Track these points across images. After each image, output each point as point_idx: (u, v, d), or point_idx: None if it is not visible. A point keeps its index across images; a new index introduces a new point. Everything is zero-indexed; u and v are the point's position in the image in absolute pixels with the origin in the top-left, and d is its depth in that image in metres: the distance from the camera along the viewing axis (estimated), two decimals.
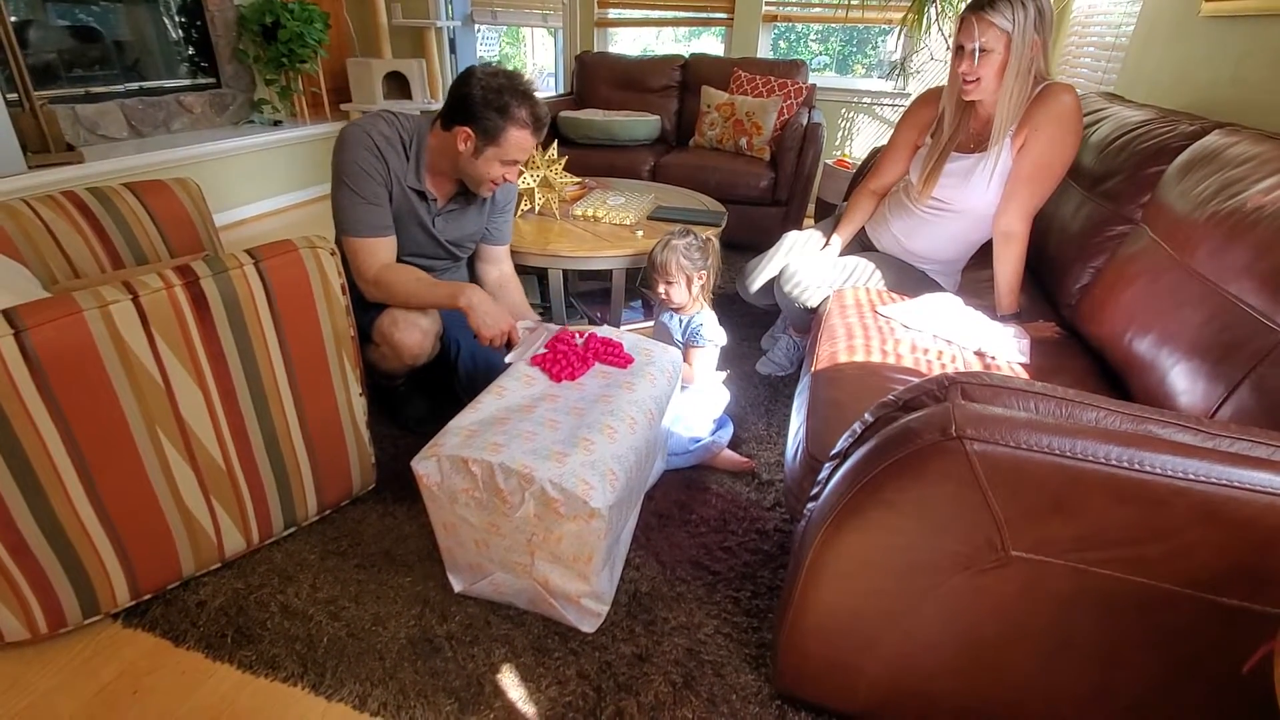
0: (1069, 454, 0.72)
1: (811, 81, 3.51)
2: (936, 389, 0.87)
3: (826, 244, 1.99)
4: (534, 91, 1.48)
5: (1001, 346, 1.49)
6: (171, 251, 1.72)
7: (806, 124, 3.13)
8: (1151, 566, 0.75)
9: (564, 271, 2.18)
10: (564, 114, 3.48)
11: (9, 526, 1.04)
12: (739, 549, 1.46)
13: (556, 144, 2.40)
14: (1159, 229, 1.42)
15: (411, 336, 1.57)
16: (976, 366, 1.44)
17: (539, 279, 2.62)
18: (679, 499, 1.60)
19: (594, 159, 3.30)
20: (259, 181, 3.71)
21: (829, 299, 1.76)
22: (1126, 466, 0.71)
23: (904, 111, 1.91)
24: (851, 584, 0.92)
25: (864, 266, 1.87)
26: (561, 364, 1.37)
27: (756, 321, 2.49)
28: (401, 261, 1.62)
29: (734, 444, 1.80)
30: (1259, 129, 1.39)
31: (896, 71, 3.66)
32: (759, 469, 1.72)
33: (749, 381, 2.12)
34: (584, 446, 1.14)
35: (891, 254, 1.93)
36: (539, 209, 2.33)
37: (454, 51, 4.77)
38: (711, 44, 4.90)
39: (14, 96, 2.74)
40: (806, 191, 3.16)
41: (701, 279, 1.73)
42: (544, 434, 1.18)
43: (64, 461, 1.05)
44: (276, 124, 3.90)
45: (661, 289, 1.73)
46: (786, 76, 3.43)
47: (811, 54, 5.12)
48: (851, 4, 3.47)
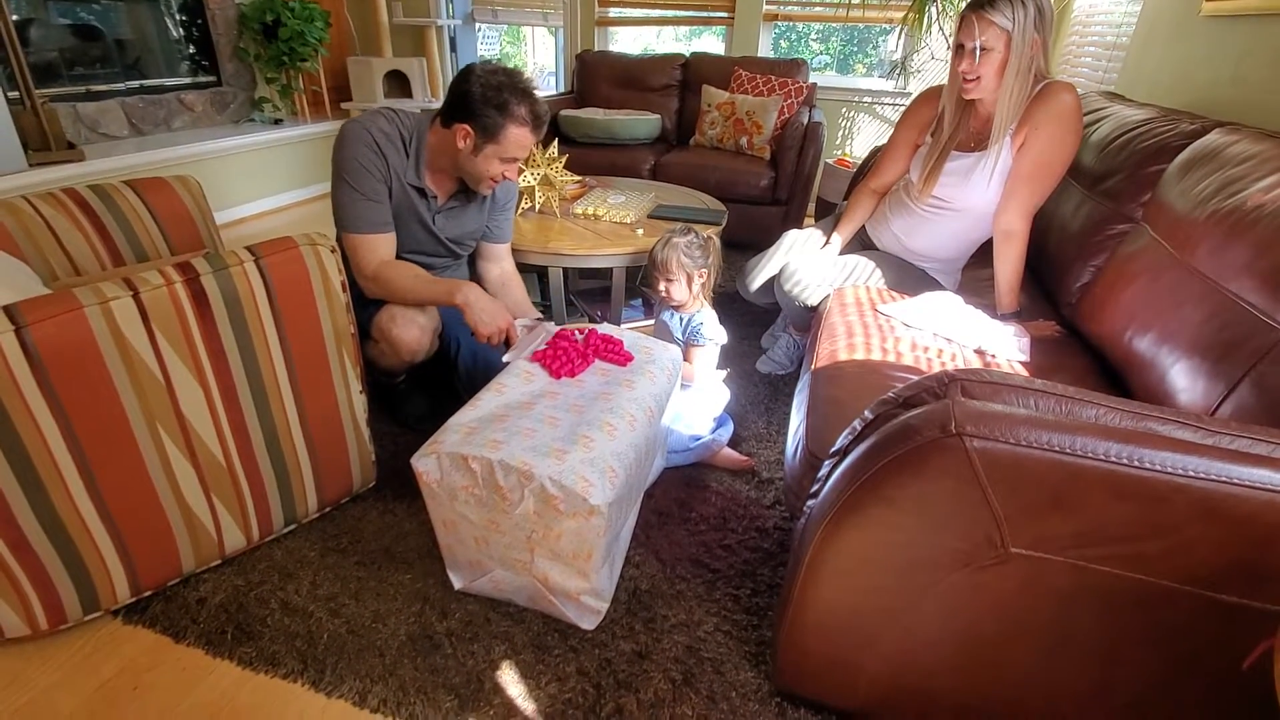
0: (1069, 450, 0.72)
1: (812, 81, 3.51)
2: (936, 386, 0.87)
3: (827, 242, 1.99)
4: (533, 89, 1.48)
5: (1002, 345, 1.49)
6: (172, 249, 1.72)
7: (807, 123, 3.13)
8: (1151, 563, 0.75)
9: (564, 270, 2.18)
10: (564, 113, 3.48)
11: (9, 522, 1.05)
12: (739, 547, 1.46)
13: (557, 142, 2.40)
14: (1159, 227, 1.42)
15: (410, 333, 1.57)
16: (977, 365, 1.44)
17: (539, 277, 2.62)
18: (679, 497, 1.60)
19: (594, 158, 3.31)
20: (259, 180, 3.71)
21: (829, 297, 1.76)
22: (1126, 463, 0.71)
23: (904, 110, 1.91)
24: (851, 581, 0.92)
25: (864, 265, 1.87)
26: (561, 361, 1.37)
27: (756, 320, 2.49)
28: (402, 259, 1.62)
29: (734, 442, 1.80)
30: (1259, 128, 1.39)
31: (897, 71, 3.66)
32: (759, 467, 1.72)
33: (749, 380, 2.12)
34: (584, 444, 1.14)
35: (892, 253, 1.93)
36: (539, 207, 2.33)
37: (454, 50, 4.77)
38: (712, 43, 4.90)
39: (15, 94, 2.74)
40: (807, 191, 3.16)
41: (702, 277, 1.73)
42: (544, 431, 1.18)
43: (64, 457, 1.05)
44: (277, 122, 3.90)
45: (662, 287, 1.73)
46: (787, 75, 3.43)
47: (812, 53, 5.12)
48: (852, 3, 3.48)
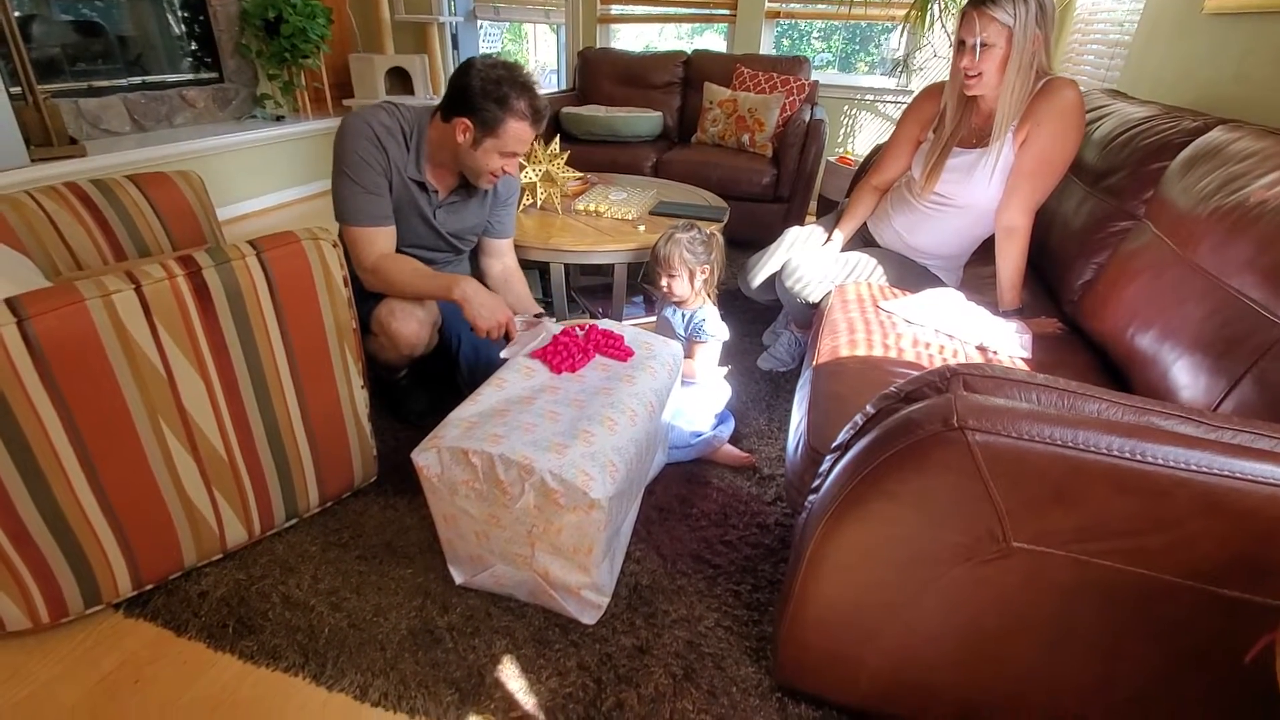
0: (1071, 445, 0.72)
1: (814, 78, 3.51)
2: (938, 380, 0.87)
3: (828, 239, 1.99)
4: (533, 83, 1.48)
5: (1003, 342, 1.49)
6: (174, 244, 1.72)
7: (809, 121, 3.13)
8: (1153, 558, 0.75)
9: (566, 266, 2.18)
10: (566, 110, 3.48)
11: (11, 515, 1.05)
12: (739, 543, 1.46)
13: (559, 139, 2.40)
14: (1162, 224, 1.42)
15: (409, 326, 1.57)
16: (978, 361, 1.43)
17: (541, 273, 2.62)
18: (680, 493, 1.60)
19: (596, 155, 3.30)
20: (261, 176, 3.71)
21: (831, 294, 1.76)
22: (1128, 457, 0.71)
23: (906, 107, 1.90)
24: (852, 576, 0.92)
25: (866, 262, 1.87)
26: (562, 356, 1.37)
27: (758, 317, 2.49)
28: (403, 253, 1.62)
29: (735, 439, 1.80)
30: (1261, 125, 1.39)
31: (899, 68, 3.65)
32: (760, 464, 1.72)
33: (750, 377, 2.12)
34: (584, 438, 1.14)
35: (893, 249, 1.93)
36: (541, 203, 2.33)
37: (456, 47, 4.77)
38: (714, 41, 4.89)
39: (17, 90, 2.74)
40: (808, 188, 3.16)
41: (704, 273, 1.73)
42: (544, 426, 1.18)
43: (66, 450, 1.05)
44: (279, 119, 3.90)
45: (664, 282, 1.73)
46: (789, 73, 3.42)
47: (814, 51, 5.11)
48: (855, 0, 3.47)
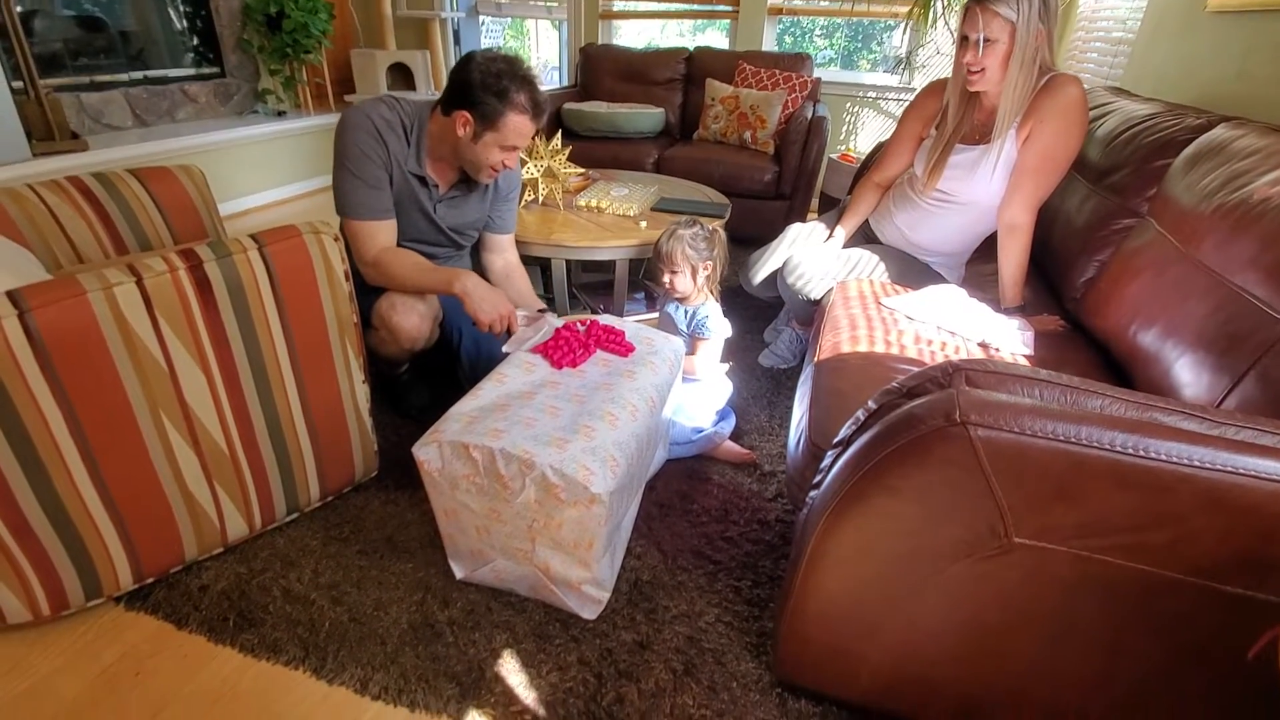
0: (1073, 440, 0.72)
1: (816, 75, 3.50)
2: (941, 376, 0.86)
3: (830, 236, 1.98)
4: (534, 77, 1.47)
5: (1005, 339, 1.48)
6: (175, 238, 1.72)
7: (811, 118, 3.12)
8: (1155, 554, 0.75)
9: (567, 262, 2.18)
10: (568, 106, 3.47)
11: (12, 507, 1.05)
12: (740, 539, 1.46)
13: (560, 135, 2.39)
14: (1165, 222, 1.41)
15: (409, 320, 1.56)
16: (980, 357, 1.43)
17: (542, 269, 2.61)
18: (680, 489, 1.60)
19: (598, 151, 3.30)
20: (263, 172, 3.71)
21: (832, 291, 1.76)
22: (1131, 453, 0.71)
23: (909, 104, 1.90)
24: (853, 571, 0.92)
25: (867, 259, 1.87)
26: (563, 351, 1.37)
27: (759, 314, 2.49)
28: (403, 248, 1.61)
29: (736, 436, 1.80)
30: (1265, 122, 1.38)
31: (902, 66, 3.65)
32: (760, 460, 1.72)
33: (751, 374, 2.12)
34: (585, 433, 1.14)
35: (895, 246, 1.92)
36: (543, 199, 2.32)
37: (458, 43, 4.76)
38: (716, 38, 4.88)
39: (19, 84, 2.74)
40: (810, 186, 3.15)
41: (707, 269, 1.73)
42: (545, 420, 1.18)
43: (67, 443, 1.05)
44: (280, 114, 3.89)
45: (666, 279, 1.73)
46: (791, 70, 3.42)
47: (817, 49, 5.10)
48: None
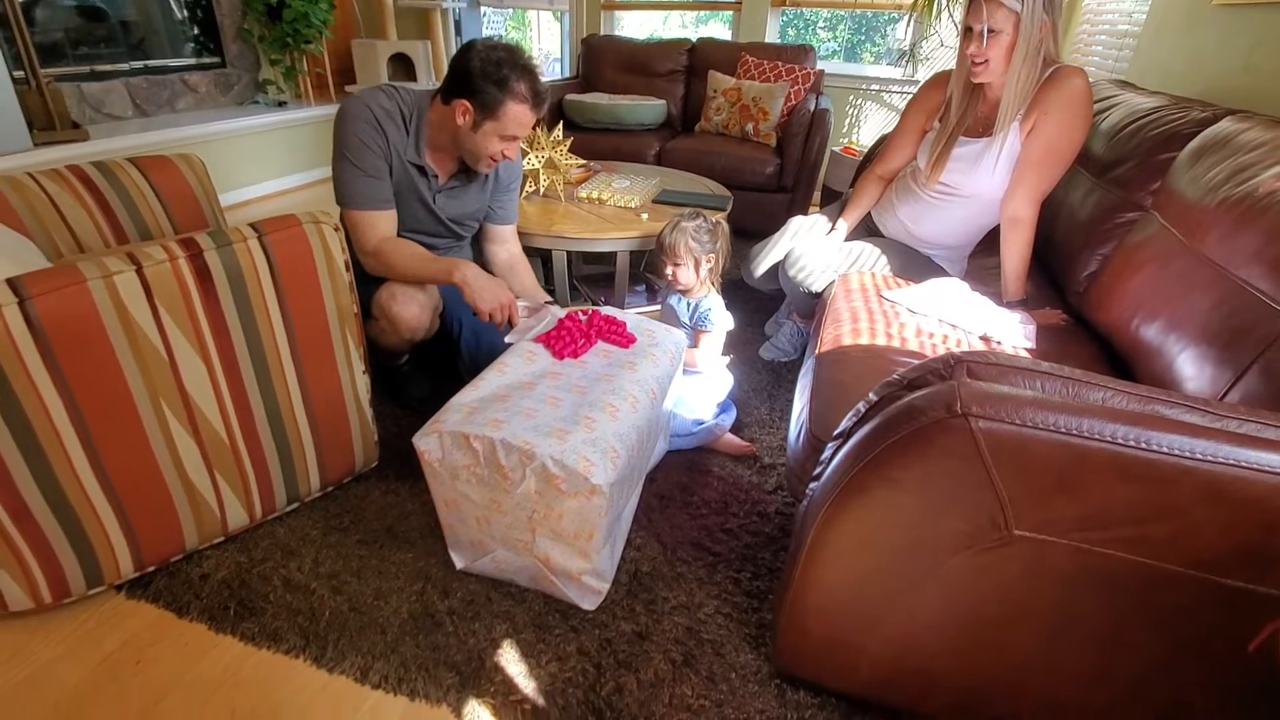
0: (1075, 432, 0.72)
1: (819, 67, 3.48)
2: (942, 367, 0.86)
3: (832, 229, 1.98)
4: (534, 66, 1.46)
5: (1007, 332, 1.48)
6: (176, 228, 1.71)
7: (814, 110, 3.11)
8: (1156, 547, 0.75)
9: (568, 254, 2.17)
10: (570, 97, 3.46)
11: (13, 494, 1.05)
12: (740, 531, 1.46)
13: (562, 127, 2.39)
14: (1169, 215, 1.41)
15: (409, 310, 1.56)
16: (982, 350, 1.43)
17: (543, 261, 2.61)
18: (681, 481, 1.60)
19: (599, 143, 3.29)
20: (263, 162, 3.70)
21: (834, 284, 1.76)
22: (1133, 445, 0.70)
23: (912, 95, 1.89)
24: (853, 562, 0.92)
25: (869, 251, 1.86)
26: (565, 341, 1.37)
27: (760, 307, 2.48)
28: (403, 238, 1.61)
29: (736, 428, 1.80)
30: (1271, 115, 1.37)
31: (905, 58, 3.63)
32: (761, 452, 1.72)
33: (752, 367, 2.12)
34: (585, 424, 1.14)
35: (898, 239, 1.92)
36: (544, 190, 2.32)
37: (460, 33, 4.75)
38: (719, 30, 4.86)
39: (20, 74, 2.73)
40: (812, 178, 3.14)
41: (710, 262, 1.72)
42: (545, 411, 1.17)
43: (68, 431, 1.05)
44: (281, 105, 3.88)
45: (669, 271, 1.72)
46: (794, 62, 3.40)
47: (820, 41, 5.08)
48: None
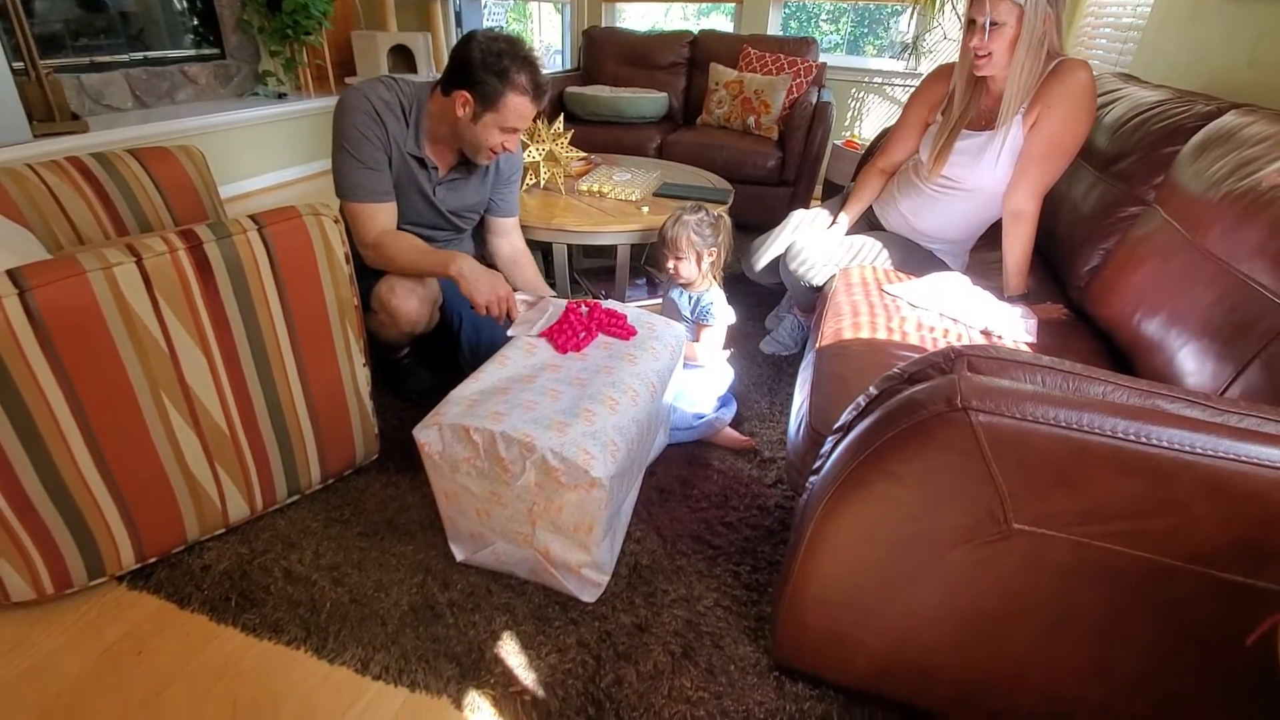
0: (1075, 426, 0.72)
1: (822, 60, 3.46)
2: (942, 361, 0.86)
3: (833, 222, 1.97)
4: (535, 58, 1.46)
5: (1008, 326, 1.48)
6: (175, 219, 1.71)
7: (816, 103, 3.10)
8: (1155, 541, 0.75)
9: (569, 247, 2.17)
10: (571, 90, 3.44)
11: (15, 487, 1.05)
12: (740, 524, 1.46)
13: (562, 119, 2.38)
14: (1172, 210, 1.40)
15: (409, 304, 1.56)
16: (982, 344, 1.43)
17: (544, 255, 2.60)
18: (681, 474, 1.60)
19: (600, 136, 3.28)
20: (263, 154, 3.69)
21: (835, 277, 1.75)
22: (1133, 439, 0.70)
23: (915, 88, 1.88)
24: (852, 556, 0.92)
25: (870, 245, 1.86)
26: (566, 335, 1.37)
27: (761, 301, 2.48)
28: (403, 230, 1.60)
29: (736, 422, 1.80)
30: (1276, 109, 1.37)
31: (908, 51, 3.60)
32: (761, 446, 1.72)
33: (752, 360, 2.12)
34: (585, 417, 1.14)
35: (899, 233, 1.91)
36: (544, 183, 2.31)
37: (460, 25, 4.72)
38: (721, 22, 4.83)
39: (20, 65, 2.72)
40: (814, 172, 3.13)
41: (712, 255, 1.72)
42: (545, 404, 1.17)
43: (69, 423, 1.06)
44: (281, 96, 3.87)
45: (671, 265, 1.72)
46: (797, 54, 3.38)
47: (822, 33, 5.05)
48: None
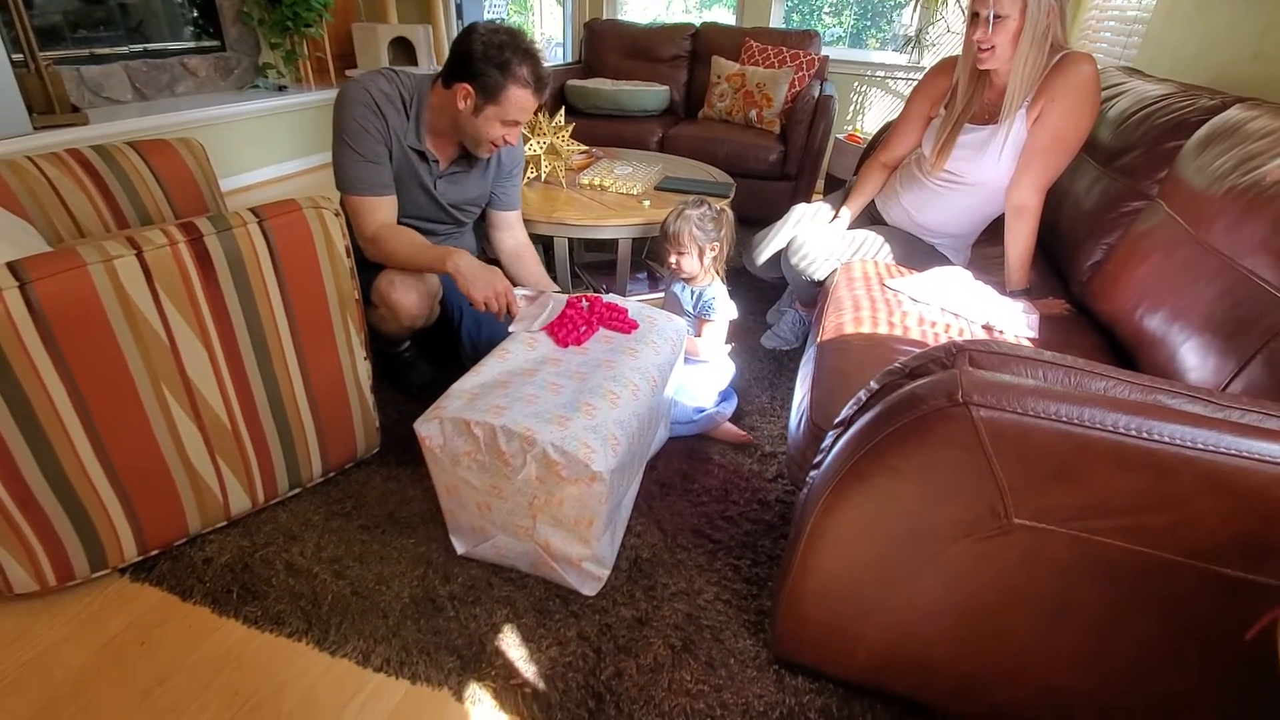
0: (1076, 421, 0.72)
1: (824, 53, 3.45)
2: (944, 356, 0.86)
3: (835, 216, 1.97)
4: (536, 50, 1.45)
5: (1010, 321, 1.47)
6: (176, 212, 1.71)
7: (818, 96, 3.08)
8: (1155, 536, 0.75)
9: (570, 241, 2.17)
10: (572, 83, 3.43)
11: (17, 480, 1.05)
12: (740, 518, 1.46)
13: (564, 112, 2.37)
14: (1175, 204, 1.40)
15: (409, 298, 1.56)
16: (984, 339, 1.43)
17: (544, 248, 2.60)
18: (681, 468, 1.60)
19: (602, 129, 3.27)
20: (263, 147, 3.68)
21: (836, 272, 1.75)
22: (1134, 435, 0.70)
23: (918, 82, 1.87)
24: (852, 550, 0.92)
25: (872, 239, 1.85)
26: (568, 329, 1.37)
27: (762, 295, 2.48)
28: (403, 224, 1.60)
29: (737, 416, 1.80)
30: None
31: (911, 44, 3.59)
32: (761, 441, 1.72)
33: (753, 355, 2.12)
34: (586, 411, 1.14)
35: (901, 228, 1.91)
36: (545, 177, 2.31)
37: (461, 17, 4.70)
38: (723, 15, 4.82)
39: (19, 57, 2.71)
40: (816, 166, 3.12)
41: (714, 250, 1.71)
42: (546, 398, 1.17)
43: (70, 416, 1.06)
44: (281, 89, 3.85)
45: (673, 259, 1.71)
46: (799, 47, 3.37)
47: (825, 26, 5.03)
48: None
